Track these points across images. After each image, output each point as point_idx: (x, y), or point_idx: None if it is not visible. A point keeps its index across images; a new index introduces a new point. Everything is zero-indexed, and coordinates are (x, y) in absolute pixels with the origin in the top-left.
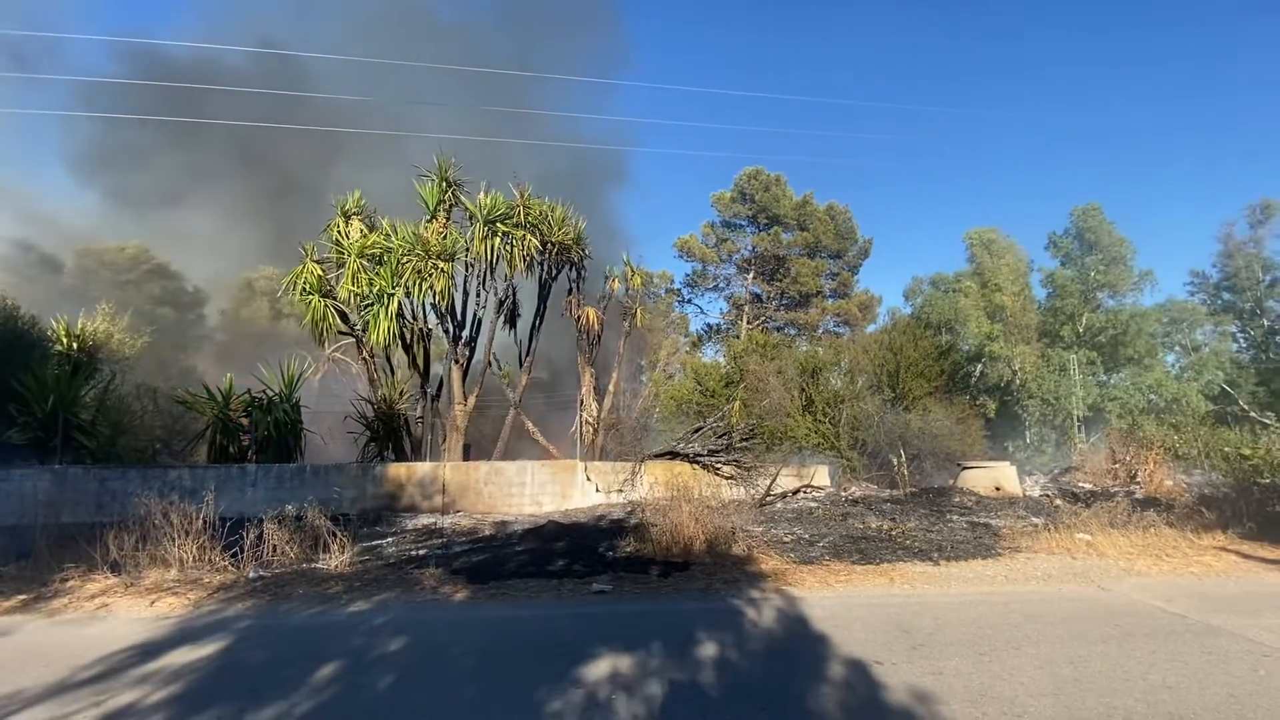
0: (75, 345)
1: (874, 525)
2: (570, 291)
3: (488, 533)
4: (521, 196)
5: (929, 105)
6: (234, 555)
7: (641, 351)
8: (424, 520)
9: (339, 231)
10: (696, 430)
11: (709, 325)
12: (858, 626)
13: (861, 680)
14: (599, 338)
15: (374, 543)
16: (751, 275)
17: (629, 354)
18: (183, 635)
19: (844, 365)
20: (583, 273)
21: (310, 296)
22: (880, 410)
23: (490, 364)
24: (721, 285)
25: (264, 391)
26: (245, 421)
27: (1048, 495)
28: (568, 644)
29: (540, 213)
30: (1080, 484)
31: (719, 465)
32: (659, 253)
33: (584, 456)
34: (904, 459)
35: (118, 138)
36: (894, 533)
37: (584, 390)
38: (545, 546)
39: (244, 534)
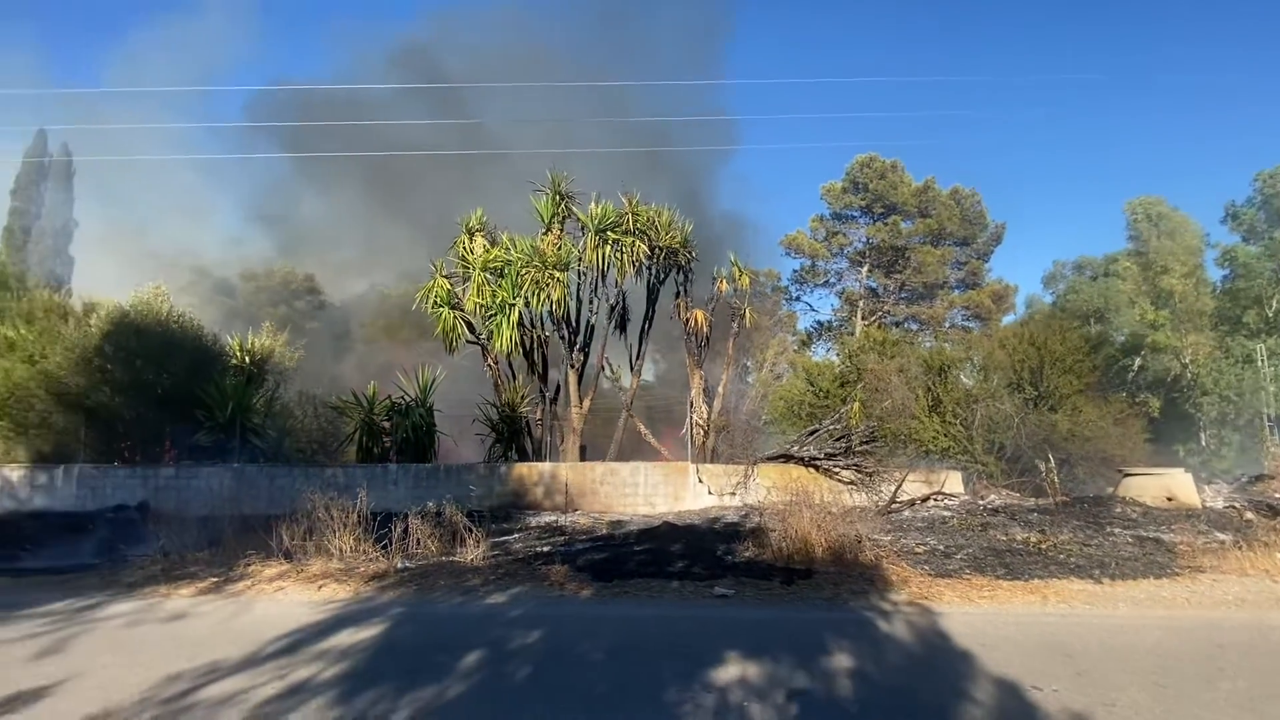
0: (247, 359)
1: (1019, 537)
2: (678, 294)
3: (605, 532)
4: (630, 204)
5: (1069, 74)
6: (383, 547)
7: (747, 352)
8: (546, 518)
9: (464, 247)
10: (812, 432)
11: (819, 323)
12: (1008, 646)
13: (1017, 705)
14: (708, 339)
15: (502, 538)
16: (866, 268)
17: (736, 355)
18: (347, 618)
19: (976, 362)
20: (690, 275)
21: (441, 309)
22: (1020, 411)
23: (603, 368)
24: (832, 280)
25: (402, 397)
26: (387, 425)
27: (1234, 507)
28: (694, 646)
29: (648, 218)
30: (1277, 494)
31: (837, 469)
32: (766, 250)
33: (695, 458)
34: (1052, 464)
35: (270, 172)
36: (1043, 546)
37: (693, 392)
38: (662, 547)
39: (391, 528)
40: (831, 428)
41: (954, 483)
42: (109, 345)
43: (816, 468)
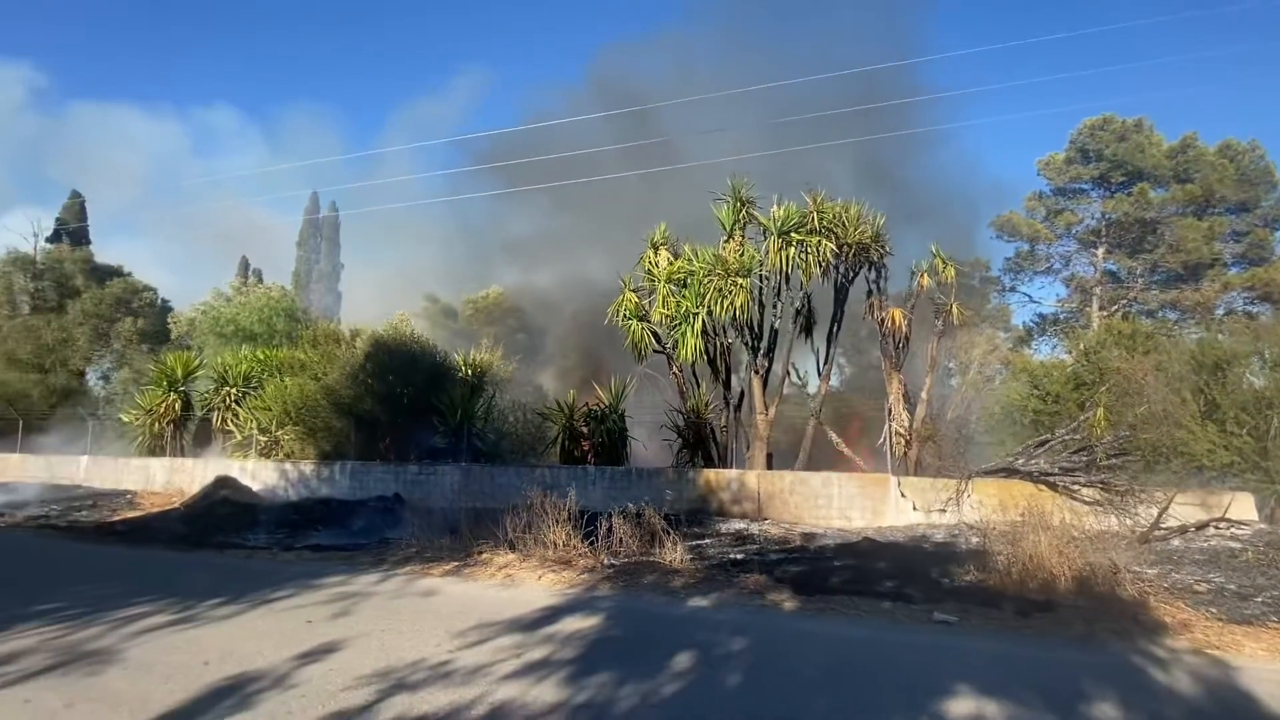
0: (470, 372)
1: None
2: (870, 293)
3: (798, 543)
4: (814, 202)
5: None
6: (590, 543)
7: (950, 352)
8: (735, 525)
9: (649, 262)
10: (1042, 443)
11: (1041, 315)
12: None
13: None
14: (906, 340)
15: (695, 542)
16: (1102, 249)
17: (939, 356)
18: (567, 607)
19: (1268, 355)
20: (883, 271)
21: (630, 322)
22: None
23: (788, 374)
24: (1057, 266)
25: (598, 404)
26: (585, 430)
27: None
28: (916, 675)
29: (834, 215)
30: None
31: (1077, 487)
32: (972, 237)
33: (895, 470)
34: None
35: (484, 209)
36: None
37: (891, 398)
38: (865, 564)
39: (597, 525)
40: (1067, 438)
41: (1243, 507)
42: (369, 363)
43: (1049, 484)
